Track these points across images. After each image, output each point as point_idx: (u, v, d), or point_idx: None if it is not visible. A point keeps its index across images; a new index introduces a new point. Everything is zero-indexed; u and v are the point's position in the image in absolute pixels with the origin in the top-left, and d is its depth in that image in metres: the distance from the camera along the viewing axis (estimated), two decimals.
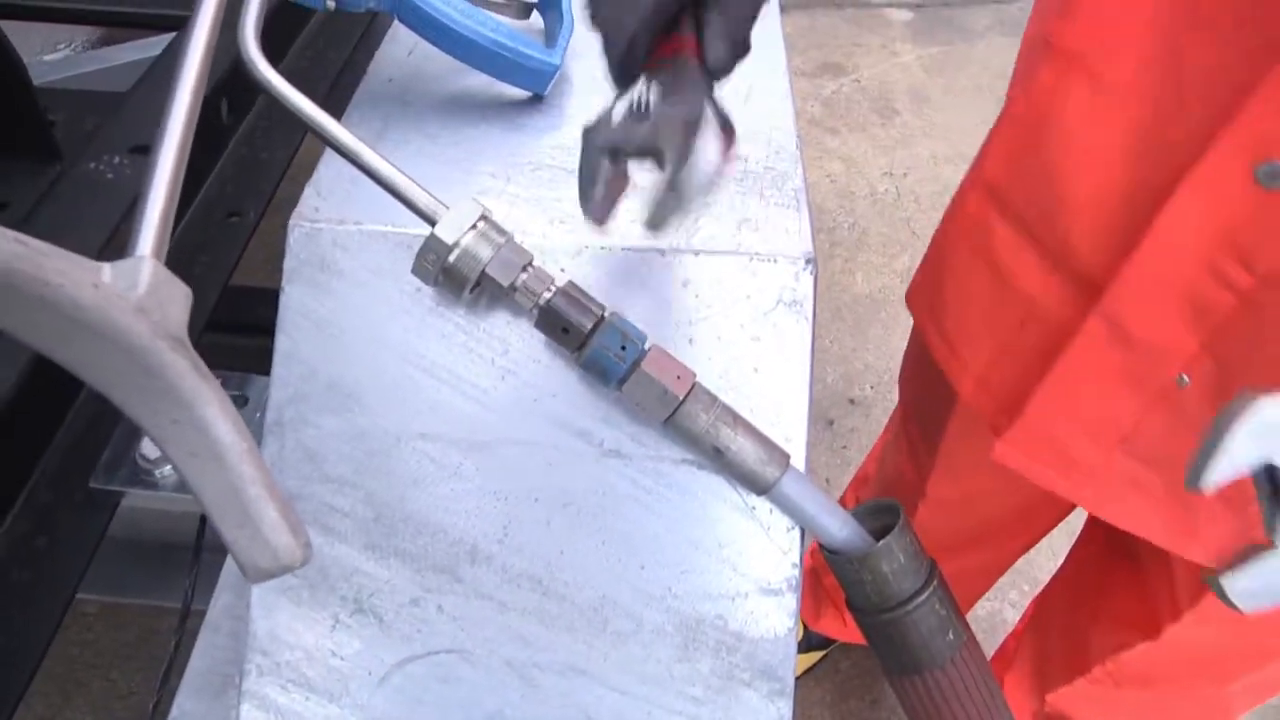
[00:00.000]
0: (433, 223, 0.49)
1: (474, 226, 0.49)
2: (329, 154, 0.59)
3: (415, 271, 0.50)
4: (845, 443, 1.80)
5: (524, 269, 0.50)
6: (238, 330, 0.88)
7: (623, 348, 0.49)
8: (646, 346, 0.50)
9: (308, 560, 0.40)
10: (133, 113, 0.83)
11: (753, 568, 0.52)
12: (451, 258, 0.49)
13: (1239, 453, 0.40)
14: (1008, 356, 0.69)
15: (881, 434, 1.26)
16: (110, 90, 0.89)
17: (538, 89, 0.64)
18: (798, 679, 1.37)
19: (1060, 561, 1.05)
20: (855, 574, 0.51)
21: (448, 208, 0.49)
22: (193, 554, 0.69)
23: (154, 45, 1.17)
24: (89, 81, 0.97)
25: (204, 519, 0.71)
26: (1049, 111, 0.59)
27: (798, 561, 0.52)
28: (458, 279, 0.49)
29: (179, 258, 0.81)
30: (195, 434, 0.38)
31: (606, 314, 0.50)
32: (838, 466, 1.74)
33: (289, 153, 0.96)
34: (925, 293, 0.82)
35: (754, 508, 0.52)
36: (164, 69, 0.93)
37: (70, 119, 0.80)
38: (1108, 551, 0.91)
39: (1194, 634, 0.77)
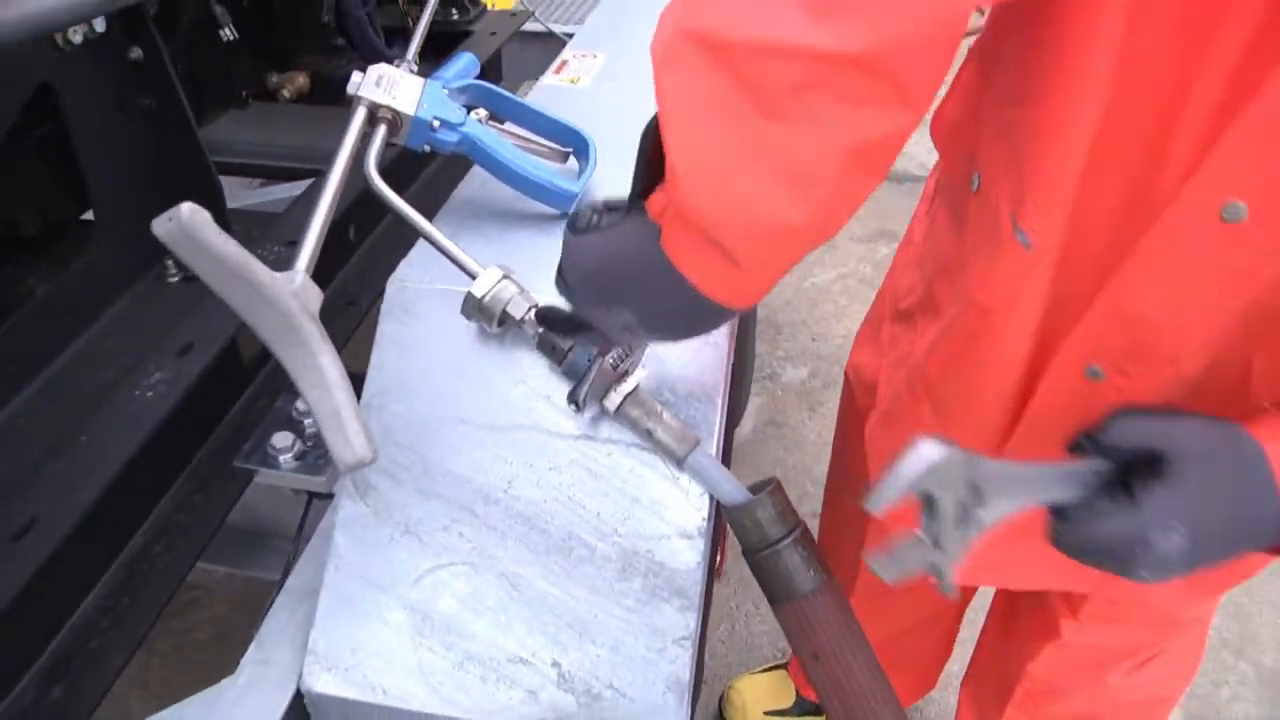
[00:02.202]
0: (474, 278, 0.77)
1: (499, 282, 0.77)
2: (420, 242, 0.88)
3: (462, 311, 0.78)
4: None
5: (530, 309, 0.77)
6: None
7: (588, 361, 0.75)
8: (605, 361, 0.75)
9: (375, 460, 0.66)
10: (285, 223, 1.17)
11: (674, 519, 0.75)
12: (484, 301, 0.76)
13: (902, 484, 0.56)
14: None
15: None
16: (271, 211, 1.25)
17: (563, 207, 0.94)
18: None
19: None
20: (740, 521, 0.73)
21: (484, 269, 0.77)
22: (299, 527, 0.95)
23: (300, 186, 1.55)
24: (260, 207, 1.36)
25: (310, 500, 0.97)
26: (971, 345, 0.80)
27: (706, 516, 0.75)
28: (487, 315, 0.77)
29: None
30: (315, 373, 0.65)
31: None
32: None
33: (398, 262, 1.29)
34: (878, 443, 1.02)
35: (678, 478, 0.76)
36: (304, 200, 1.27)
37: (246, 228, 1.14)
38: None
39: (1088, 631, 0.92)
